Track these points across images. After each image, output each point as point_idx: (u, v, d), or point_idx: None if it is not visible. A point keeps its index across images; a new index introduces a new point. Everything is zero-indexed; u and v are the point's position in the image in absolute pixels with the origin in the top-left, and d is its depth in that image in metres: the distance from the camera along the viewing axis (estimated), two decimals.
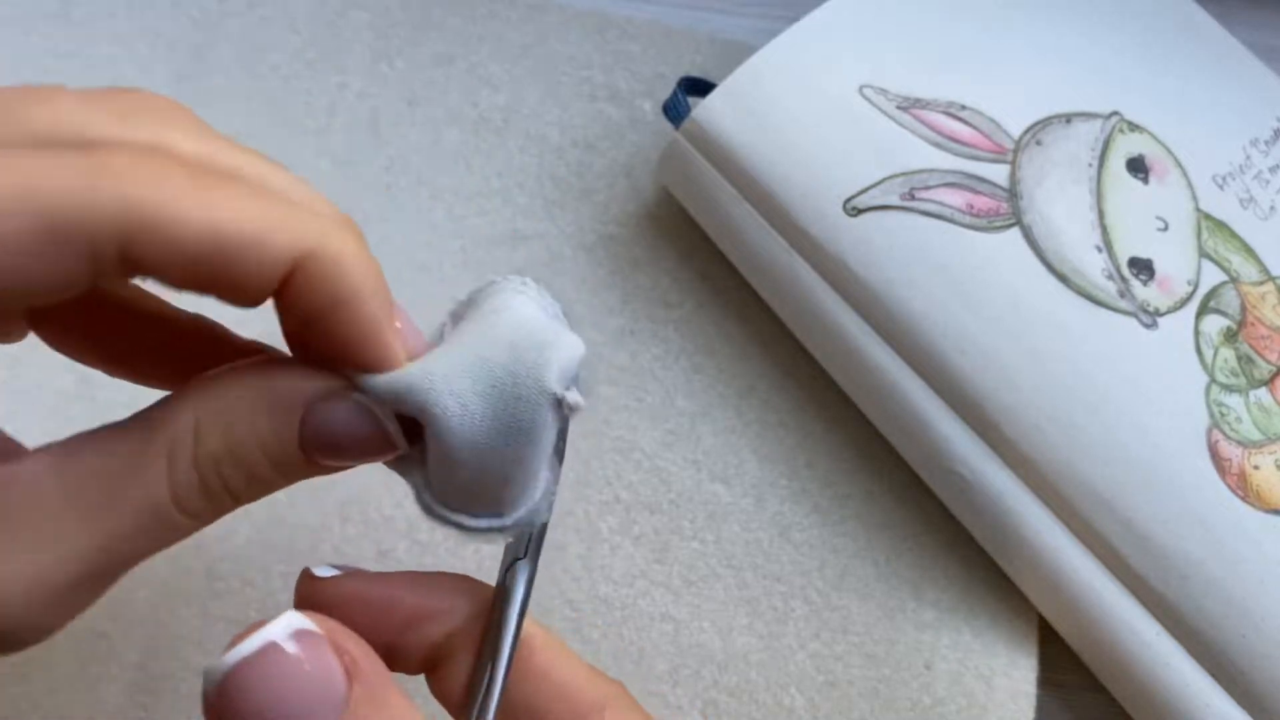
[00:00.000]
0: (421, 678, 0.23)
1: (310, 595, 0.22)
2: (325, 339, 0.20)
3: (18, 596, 0.18)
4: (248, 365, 0.21)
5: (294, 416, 0.20)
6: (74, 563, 0.19)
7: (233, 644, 0.17)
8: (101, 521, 0.19)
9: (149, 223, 0.17)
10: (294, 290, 0.19)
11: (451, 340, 0.21)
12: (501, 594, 0.23)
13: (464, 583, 0.23)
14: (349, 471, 0.23)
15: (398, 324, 0.21)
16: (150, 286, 0.20)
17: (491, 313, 0.21)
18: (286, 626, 0.18)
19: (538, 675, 0.22)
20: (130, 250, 0.18)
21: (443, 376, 0.20)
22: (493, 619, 0.22)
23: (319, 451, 0.21)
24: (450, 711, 0.23)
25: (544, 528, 0.23)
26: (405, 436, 0.21)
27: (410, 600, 0.22)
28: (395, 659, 0.23)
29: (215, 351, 0.24)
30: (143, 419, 0.20)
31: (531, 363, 0.20)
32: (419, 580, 0.23)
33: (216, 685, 0.17)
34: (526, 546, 0.23)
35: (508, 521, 0.21)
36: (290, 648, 0.17)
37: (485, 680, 0.22)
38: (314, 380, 0.21)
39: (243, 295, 0.19)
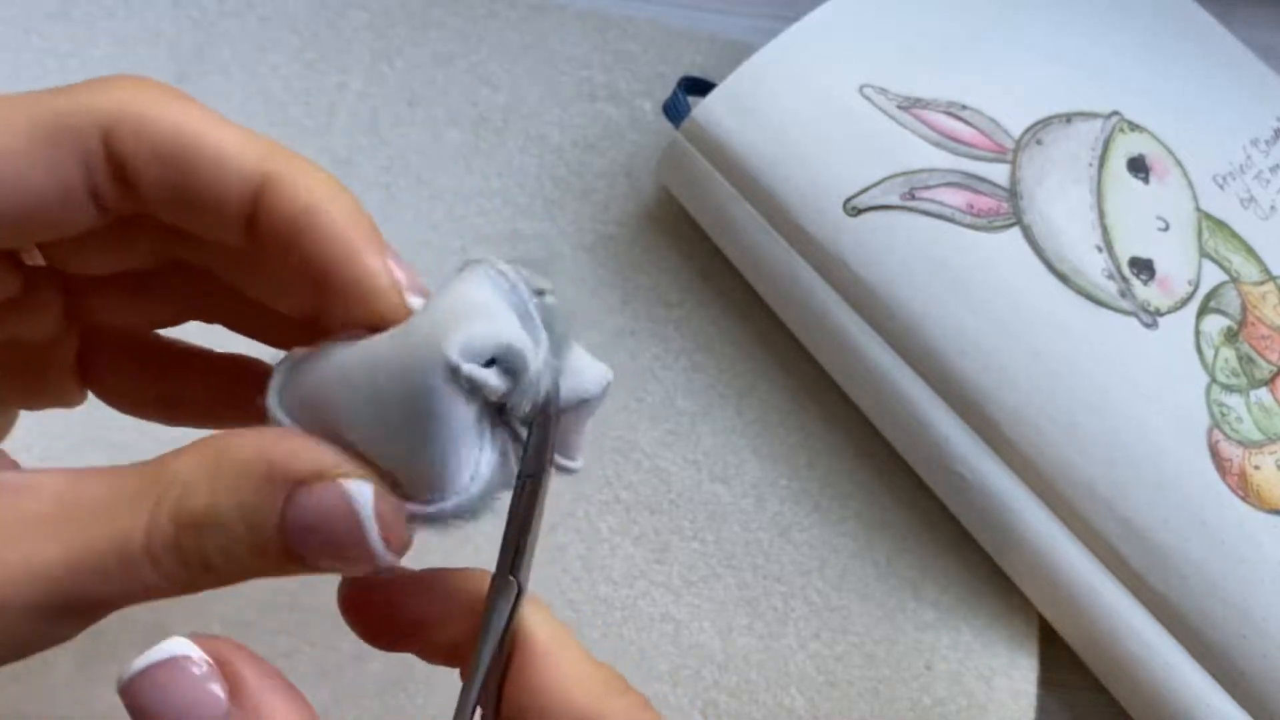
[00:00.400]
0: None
1: (350, 596, 0.22)
2: (306, 271, 0.20)
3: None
4: (258, 432, 0.20)
5: (279, 494, 0.19)
6: (39, 579, 0.19)
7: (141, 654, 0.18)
8: (71, 542, 0.19)
9: (129, 121, 0.19)
10: (263, 210, 0.20)
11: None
12: (489, 607, 0.21)
13: (473, 583, 0.22)
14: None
15: (391, 261, 0.20)
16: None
17: (435, 294, 0.20)
18: (168, 651, 0.18)
19: (534, 687, 0.21)
20: (113, 148, 0.19)
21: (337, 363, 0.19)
22: (479, 635, 0.21)
23: (298, 541, 0.19)
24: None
25: (524, 541, 0.21)
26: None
27: (414, 607, 0.22)
28: (431, 655, 0.22)
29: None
30: (150, 463, 0.20)
31: (430, 334, 0.19)
32: (428, 583, 0.22)
33: (123, 688, 0.18)
34: (513, 562, 0.21)
35: (429, 509, 0.19)
36: (168, 672, 0.18)
37: (476, 688, 0.21)
38: (316, 456, 0.19)
39: (214, 209, 0.20)
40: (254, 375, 0.24)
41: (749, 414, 0.37)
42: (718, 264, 0.39)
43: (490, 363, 0.19)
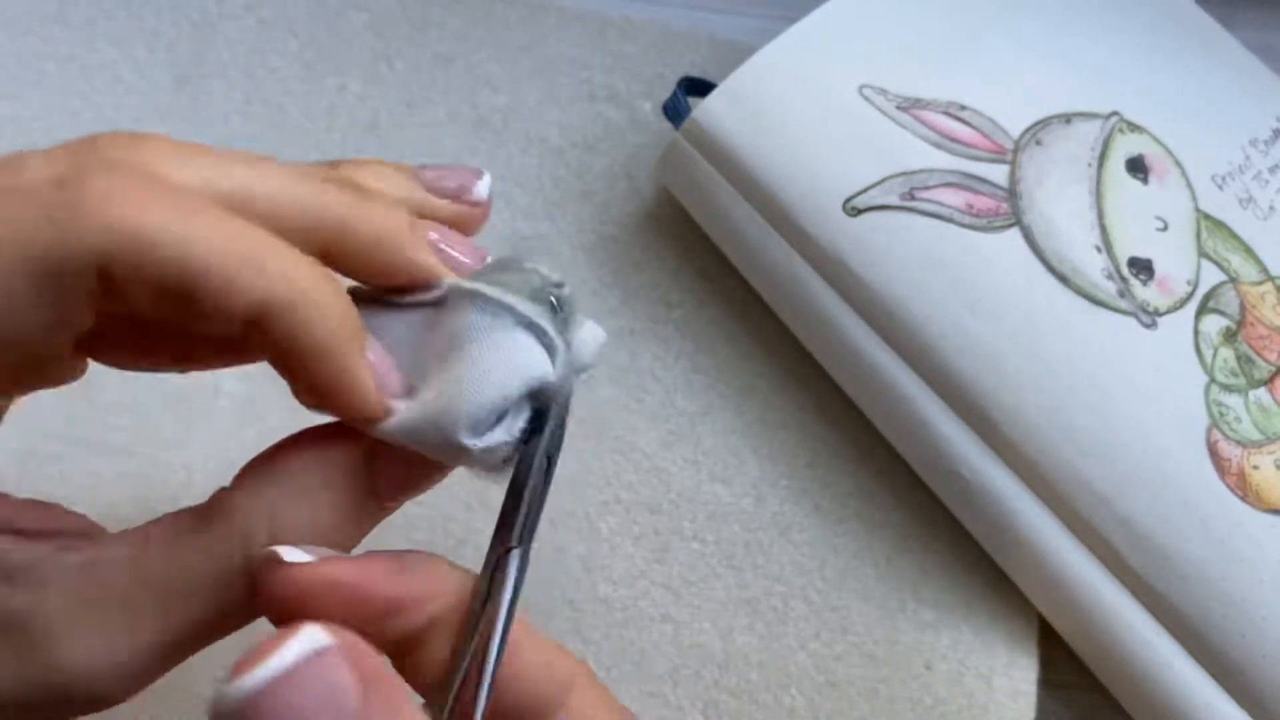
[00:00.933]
0: None
1: (281, 583, 0.21)
2: (294, 379, 0.21)
3: (116, 668, 0.20)
4: (308, 450, 0.22)
5: (360, 510, 0.22)
6: (150, 646, 0.20)
7: (248, 662, 0.17)
8: (177, 613, 0.20)
9: (125, 258, 0.18)
10: (260, 333, 0.20)
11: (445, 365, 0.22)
12: (490, 582, 0.22)
13: (443, 567, 0.22)
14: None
15: (370, 356, 0.21)
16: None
17: (464, 343, 0.22)
18: (306, 645, 0.17)
19: (509, 653, 0.22)
20: (109, 281, 0.18)
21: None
22: (474, 608, 0.22)
23: (392, 499, 0.22)
24: (421, 694, 0.22)
25: (536, 516, 0.23)
26: None
27: (387, 589, 0.21)
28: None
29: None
30: (212, 511, 0.21)
31: (440, 421, 0.21)
32: (396, 565, 0.22)
33: (234, 709, 0.17)
34: (520, 533, 0.22)
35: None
36: (311, 665, 0.17)
37: (464, 668, 0.21)
38: (377, 469, 0.22)
39: (215, 329, 0.20)
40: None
41: (749, 414, 0.37)
42: (718, 264, 0.39)
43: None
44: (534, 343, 0.22)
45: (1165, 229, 0.36)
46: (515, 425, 0.22)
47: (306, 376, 0.20)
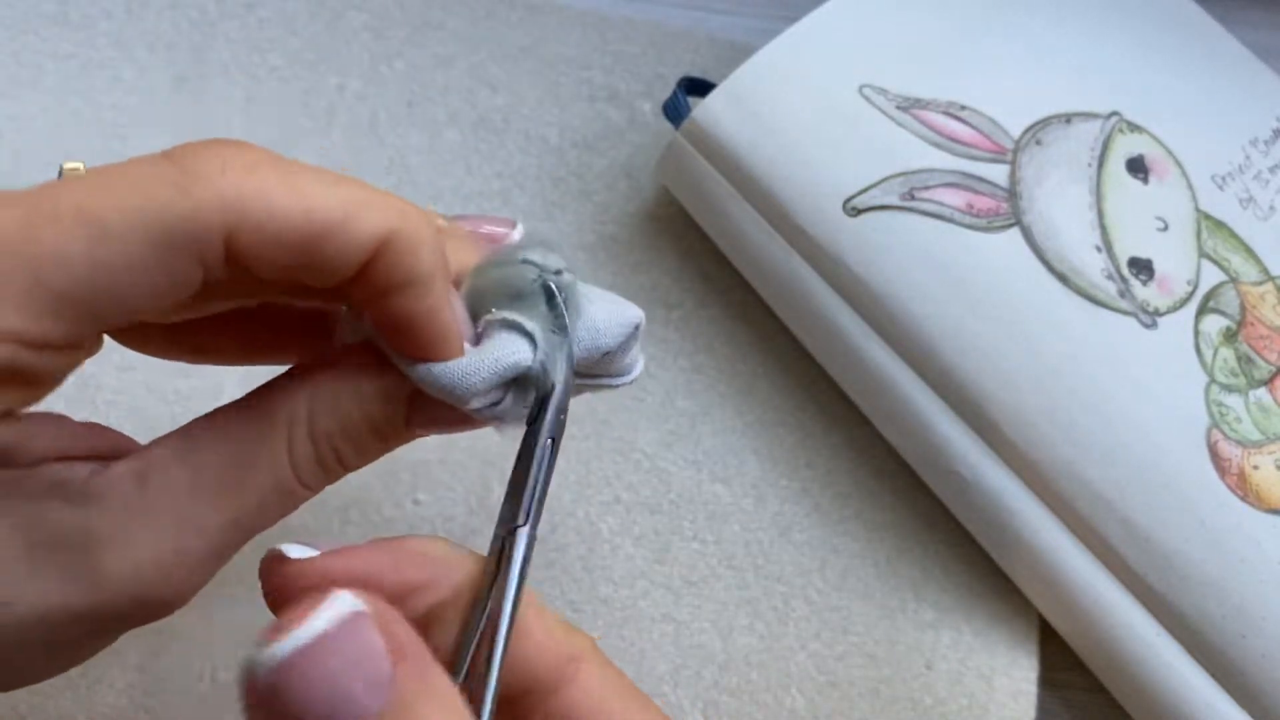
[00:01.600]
0: None
1: (285, 577, 0.21)
2: (391, 318, 0.21)
3: (163, 574, 0.20)
4: (343, 362, 0.23)
5: (401, 405, 0.23)
6: (208, 540, 0.21)
7: (280, 628, 0.17)
8: (231, 501, 0.21)
9: (250, 219, 0.19)
10: (375, 268, 0.20)
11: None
12: (498, 562, 0.22)
13: (445, 550, 0.23)
14: (350, 475, 0.23)
15: (455, 304, 0.22)
16: None
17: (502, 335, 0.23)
18: (340, 610, 0.17)
19: (517, 631, 0.22)
20: (234, 245, 0.19)
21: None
22: (484, 589, 0.22)
23: (421, 428, 0.23)
24: None
25: (542, 496, 0.23)
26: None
27: (393, 577, 0.21)
28: None
29: (283, 324, 0.26)
30: (254, 405, 0.22)
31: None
32: (401, 554, 0.22)
33: (267, 675, 0.16)
34: (526, 514, 0.23)
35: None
36: (343, 632, 0.17)
37: (472, 648, 0.21)
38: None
39: (331, 275, 0.20)
40: (284, 319, 0.26)
41: (749, 414, 0.37)
42: (718, 264, 0.39)
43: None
44: (514, 336, 0.23)
45: (1165, 229, 0.36)
46: (509, 400, 0.23)
47: (410, 308, 0.21)
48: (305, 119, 0.40)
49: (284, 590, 0.20)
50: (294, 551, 0.21)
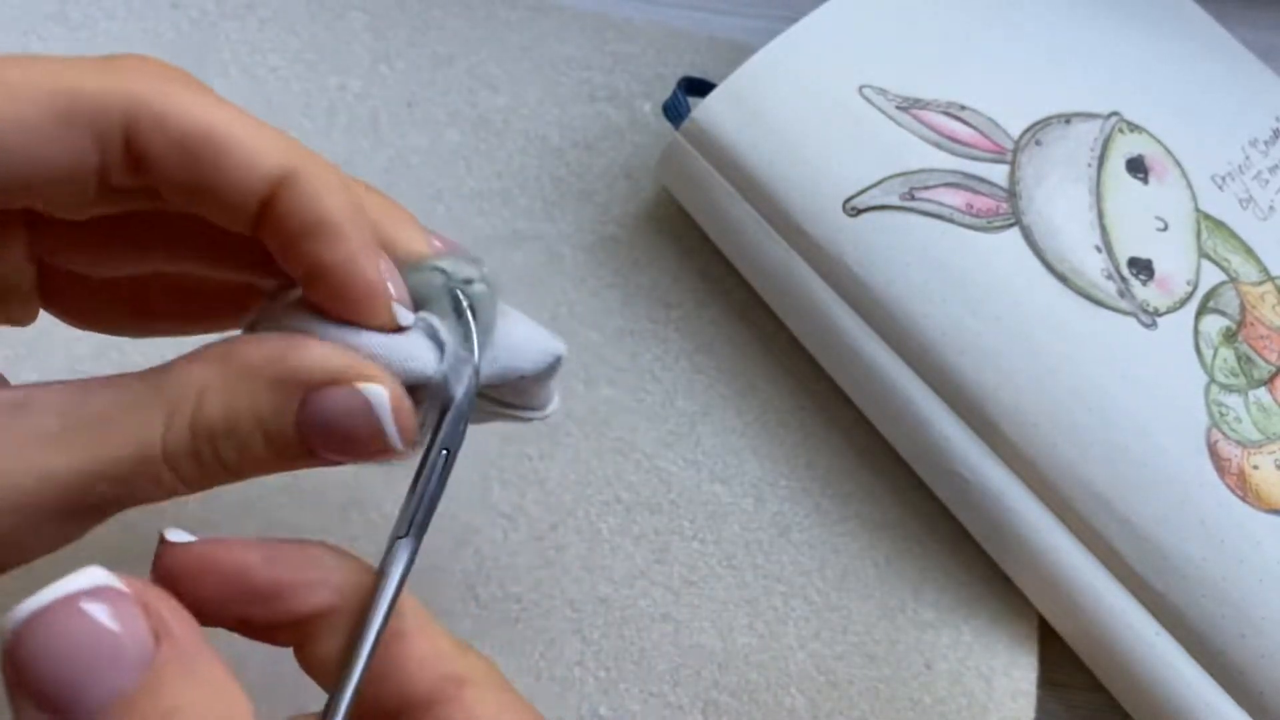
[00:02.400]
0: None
1: (163, 559, 0.21)
2: (305, 268, 0.21)
3: (12, 503, 0.19)
4: (271, 338, 0.21)
5: (294, 399, 0.20)
6: (48, 488, 0.19)
7: (26, 600, 0.17)
8: (85, 453, 0.20)
9: (152, 111, 0.19)
10: (278, 207, 0.20)
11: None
12: (379, 574, 0.22)
13: (338, 557, 0.22)
14: (350, 472, 0.23)
15: (382, 264, 0.21)
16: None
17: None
18: (88, 581, 0.17)
19: (397, 644, 0.22)
20: (134, 136, 0.19)
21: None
22: (369, 600, 0.22)
23: (315, 440, 0.21)
24: (321, 686, 0.22)
25: (433, 504, 0.23)
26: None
27: (267, 572, 0.21)
28: (256, 630, 0.22)
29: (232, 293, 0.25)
30: (156, 372, 0.21)
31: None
32: (284, 551, 0.21)
33: (6, 639, 0.16)
34: (409, 524, 0.22)
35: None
36: (89, 604, 0.17)
37: (359, 661, 0.21)
38: (329, 361, 0.21)
39: (231, 204, 0.20)
40: (222, 287, 0.25)
41: (749, 414, 0.37)
42: (718, 264, 0.39)
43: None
44: (423, 339, 0.22)
45: (1165, 229, 0.36)
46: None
47: (322, 255, 0.21)
48: (306, 119, 0.40)
49: (159, 571, 0.20)
50: (172, 535, 0.21)
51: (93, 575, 0.17)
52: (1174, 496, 0.32)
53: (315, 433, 0.21)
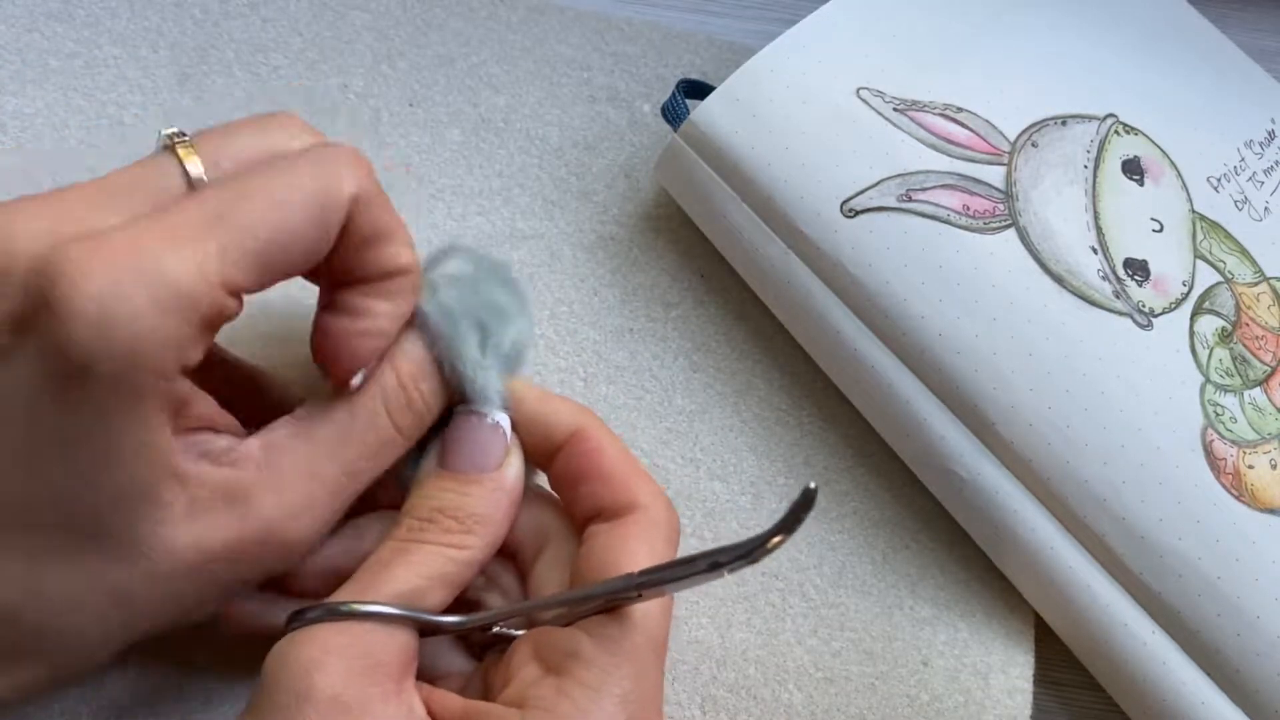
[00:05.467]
0: None
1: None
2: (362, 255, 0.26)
3: (294, 513, 0.25)
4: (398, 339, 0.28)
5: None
6: (325, 486, 0.26)
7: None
8: (341, 453, 0.26)
9: (361, 197, 0.25)
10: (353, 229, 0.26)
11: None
12: None
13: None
14: None
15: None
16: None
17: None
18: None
19: (543, 403, 0.29)
20: (351, 216, 0.25)
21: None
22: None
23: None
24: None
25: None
26: None
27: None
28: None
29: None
30: (348, 392, 0.27)
31: None
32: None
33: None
34: None
35: None
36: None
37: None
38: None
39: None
40: (261, 386, 0.31)
41: (746, 412, 0.38)
42: (716, 264, 0.39)
43: None
44: None
45: (1161, 230, 0.36)
46: None
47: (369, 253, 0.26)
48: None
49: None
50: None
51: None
52: (1170, 496, 0.33)
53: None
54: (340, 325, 0.26)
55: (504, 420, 0.28)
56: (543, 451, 0.29)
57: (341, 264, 0.26)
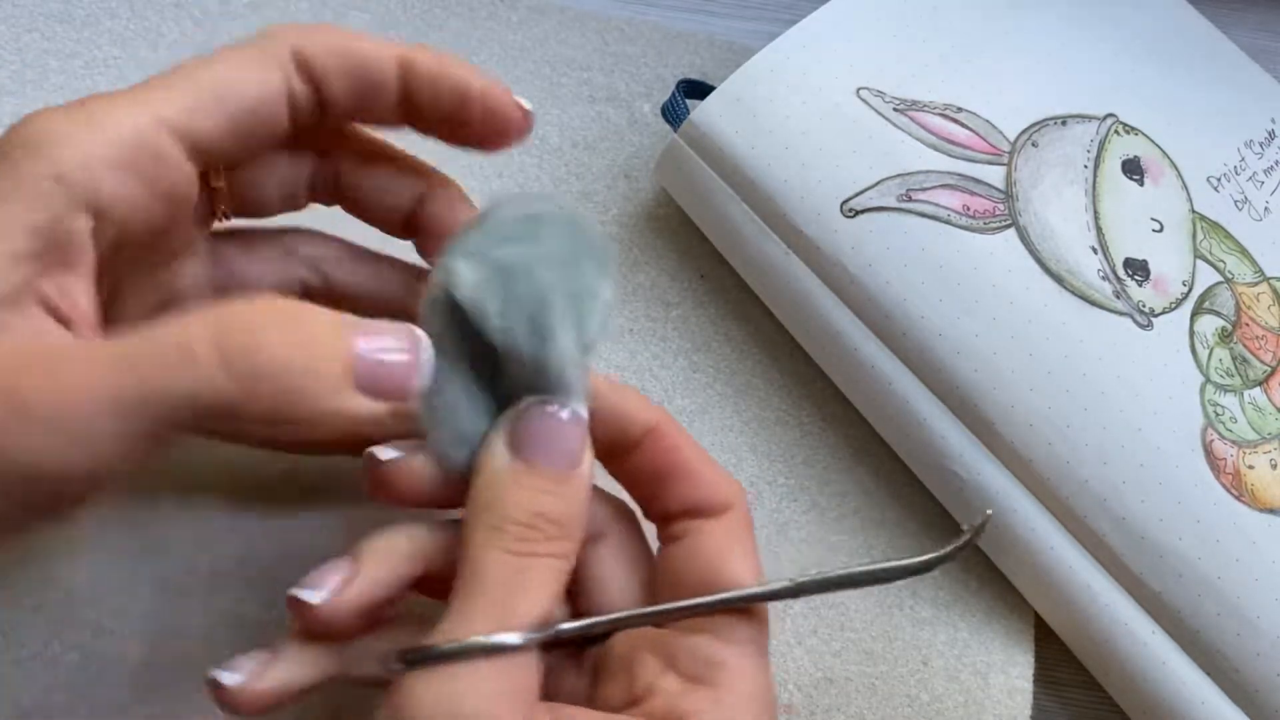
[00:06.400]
0: None
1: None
2: (456, 106, 0.28)
3: (51, 427, 0.20)
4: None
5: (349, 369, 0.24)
6: (100, 396, 0.20)
7: None
8: (129, 361, 0.21)
9: (307, 38, 0.26)
10: (413, 82, 0.27)
11: None
12: None
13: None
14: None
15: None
16: None
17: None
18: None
19: (617, 399, 0.27)
20: (300, 56, 0.26)
21: None
22: None
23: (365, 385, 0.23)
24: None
25: None
26: None
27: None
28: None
29: None
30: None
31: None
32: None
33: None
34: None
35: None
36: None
37: None
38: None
39: (380, 94, 0.27)
40: None
41: (746, 413, 0.38)
42: (716, 265, 0.39)
43: None
44: None
45: (1161, 230, 0.36)
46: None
47: (466, 94, 0.28)
48: None
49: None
50: (384, 454, 0.25)
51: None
52: (1170, 496, 0.33)
53: (367, 381, 0.23)
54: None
55: (584, 412, 0.25)
56: (620, 447, 0.27)
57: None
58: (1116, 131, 0.38)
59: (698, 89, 0.39)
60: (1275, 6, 0.48)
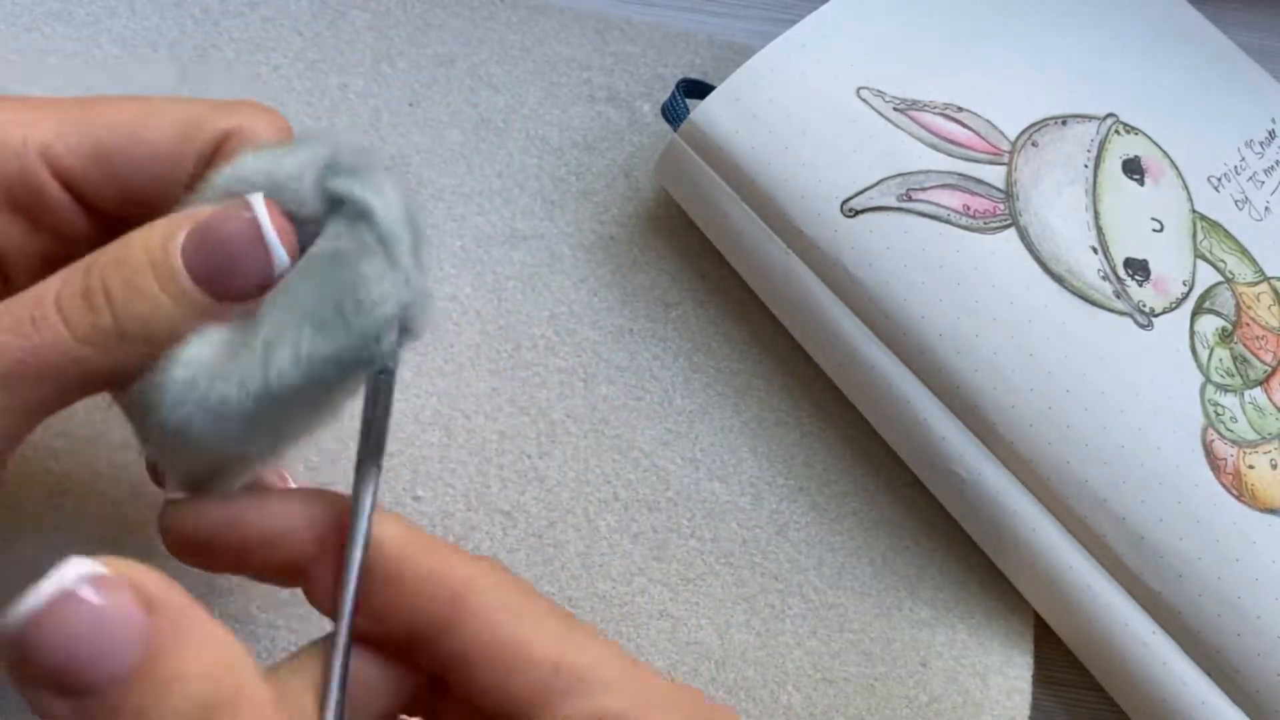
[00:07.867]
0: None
1: (168, 525, 0.23)
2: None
3: None
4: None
5: (182, 227, 0.22)
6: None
7: (22, 598, 0.17)
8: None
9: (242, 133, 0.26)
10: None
11: None
12: (357, 492, 0.23)
13: (316, 497, 0.24)
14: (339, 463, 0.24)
15: None
16: None
17: None
18: (75, 571, 0.18)
19: (395, 573, 0.23)
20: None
21: None
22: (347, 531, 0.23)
23: (201, 266, 0.22)
24: (331, 620, 0.23)
25: (382, 432, 0.23)
26: None
27: (257, 523, 0.23)
28: (263, 576, 0.24)
29: None
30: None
31: None
32: (268, 501, 0.23)
33: (10, 638, 0.17)
34: (367, 447, 0.23)
35: None
36: (83, 591, 0.17)
37: (349, 592, 0.22)
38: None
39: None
40: None
41: (746, 413, 0.38)
42: (716, 264, 0.39)
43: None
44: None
45: (1161, 230, 0.36)
46: None
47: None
48: (307, 117, 0.40)
49: (168, 532, 0.23)
50: (172, 493, 0.23)
51: (78, 565, 0.18)
52: (1170, 496, 0.33)
53: (200, 255, 0.22)
54: None
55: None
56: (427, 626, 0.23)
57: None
58: (1117, 131, 0.38)
59: (698, 89, 0.39)
60: (1275, 6, 0.48)
